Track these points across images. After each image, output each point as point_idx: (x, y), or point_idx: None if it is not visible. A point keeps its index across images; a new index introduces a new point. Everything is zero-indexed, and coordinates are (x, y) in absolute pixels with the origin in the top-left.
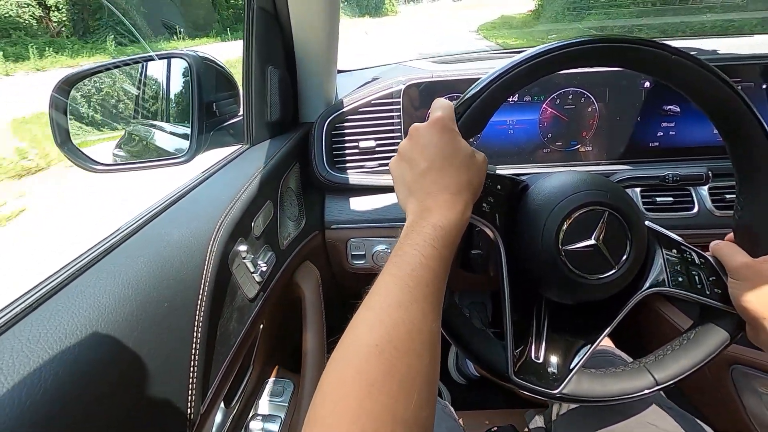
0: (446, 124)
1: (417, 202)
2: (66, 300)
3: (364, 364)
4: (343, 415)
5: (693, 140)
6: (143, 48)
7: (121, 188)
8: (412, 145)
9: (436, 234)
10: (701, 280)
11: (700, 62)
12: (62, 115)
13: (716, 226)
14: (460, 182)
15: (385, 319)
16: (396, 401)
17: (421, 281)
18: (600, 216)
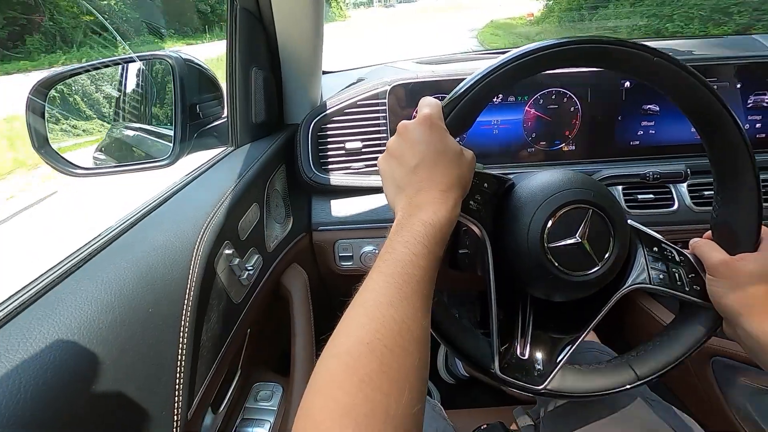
0: (435, 121)
1: (406, 198)
2: (45, 308)
3: (355, 360)
4: (335, 411)
5: (672, 138)
6: (124, 49)
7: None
8: (401, 142)
9: (427, 231)
10: (681, 277)
11: (680, 63)
12: (39, 119)
13: (696, 221)
14: (450, 179)
15: (376, 316)
16: (388, 397)
17: (411, 279)
18: (584, 214)
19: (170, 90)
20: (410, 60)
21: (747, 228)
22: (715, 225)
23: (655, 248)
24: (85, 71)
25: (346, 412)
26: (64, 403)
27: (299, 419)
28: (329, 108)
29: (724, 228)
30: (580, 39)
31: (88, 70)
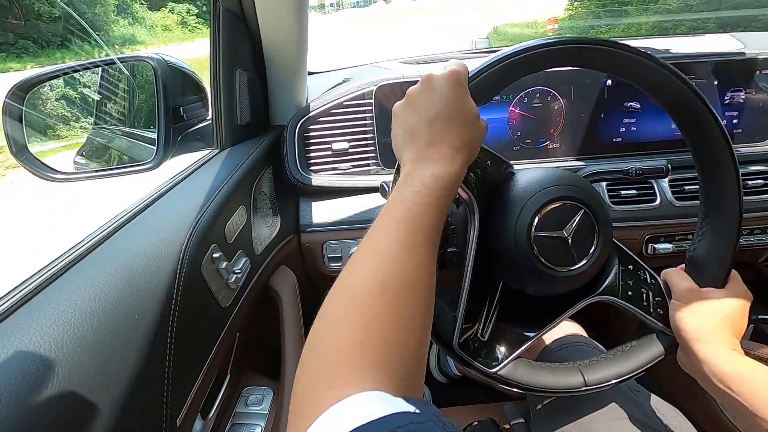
0: (461, 79)
1: (416, 149)
2: (26, 317)
3: (368, 299)
4: (347, 346)
5: (653, 135)
6: (104, 51)
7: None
8: (423, 91)
9: (437, 184)
10: (647, 299)
11: (661, 62)
12: (17, 123)
13: (677, 216)
14: (462, 139)
15: (388, 259)
16: (399, 337)
17: (422, 227)
18: (575, 212)
19: (152, 92)
20: (396, 60)
21: (720, 265)
22: (691, 258)
23: (630, 266)
24: (63, 74)
25: (359, 348)
26: (47, 414)
27: (306, 358)
28: (315, 109)
29: (697, 262)
30: (568, 39)
31: (67, 72)
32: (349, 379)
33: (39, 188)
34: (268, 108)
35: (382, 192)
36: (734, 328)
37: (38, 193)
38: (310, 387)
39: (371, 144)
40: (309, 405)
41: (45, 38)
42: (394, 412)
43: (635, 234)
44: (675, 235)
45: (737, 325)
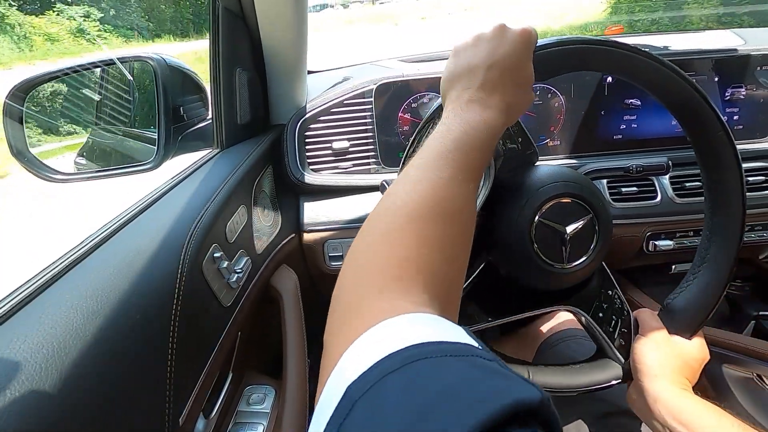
0: (531, 41)
1: (468, 90)
2: (28, 318)
3: (419, 219)
4: (395, 261)
5: (653, 132)
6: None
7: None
8: (493, 38)
9: (484, 129)
10: (615, 326)
11: (660, 59)
12: (17, 124)
13: (678, 212)
14: (514, 97)
15: (439, 187)
16: (445, 262)
17: (469, 165)
18: (583, 213)
19: (152, 92)
20: (395, 58)
21: (696, 319)
22: (669, 306)
23: (609, 291)
24: (63, 74)
25: (409, 265)
26: (49, 414)
27: (353, 266)
28: (315, 108)
29: (675, 311)
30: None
31: (67, 73)
32: (401, 294)
33: (39, 189)
34: (268, 107)
35: (382, 191)
36: (690, 374)
37: (38, 194)
38: (356, 297)
39: (371, 143)
40: (357, 313)
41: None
42: (466, 343)
43: (636, 231)
44: (676, 232)
45: (693, 373)
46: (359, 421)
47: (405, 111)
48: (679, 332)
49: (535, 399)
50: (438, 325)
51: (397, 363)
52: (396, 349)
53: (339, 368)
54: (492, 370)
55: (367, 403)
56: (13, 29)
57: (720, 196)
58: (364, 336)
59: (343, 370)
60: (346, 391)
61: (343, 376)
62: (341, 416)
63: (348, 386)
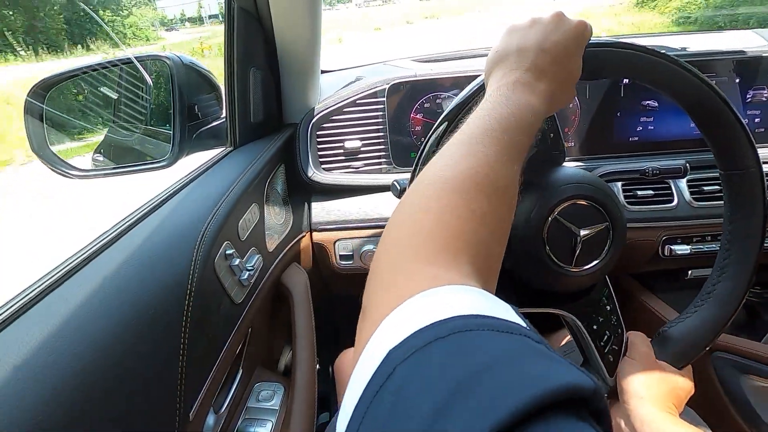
0: (585, 36)
1: (516, 72)
2: (46, 310)
3: (468, 193)
4: (446, 231)
5: (671, 134)
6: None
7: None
8: (550, 23)
9: (529, 112)
10: (606, 341)
11: (676, 60)
12: (38, 121)
13: (695, 217)
14: (560, 86)
15: (486, 165)
16: (490, 237)
17: (513, 146)
18: (598, 217)
19: (168, 91)
20: (408, 58)
21: (690, 351)
22: (664, 334)
23: (608, 306)
24: (82, 73)
25: (456, 237)
26: (64, 406)
27: (398, 228)
28: (328, 107)
29: (669, 340)
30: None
31: (86, 71)
32: (447, 264)
33: (37, 189)
34: (281, 106)
35: (393, 190)
36: (677, 401)
37: (36, 194)
38: (400, 264)
39: (383, 142)
40: (401, 279)
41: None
42: (515, 321)
43: (651, 235)
44: (693, 237)
45: (679, 401)
46: (399, 386)
47: (417, 111)
48: (669, 360)
49: (589, 387)
50: (486, 300)
51: (444, 331)
52: (442, 318)
53: (380, 332)
54: (540, 352)
55: (410, 368)
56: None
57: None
58: (408, 302)
59: (384, 334)
60: (387, 354)
61: (385, 340)
62: (381, 379)
63: (390, 350)
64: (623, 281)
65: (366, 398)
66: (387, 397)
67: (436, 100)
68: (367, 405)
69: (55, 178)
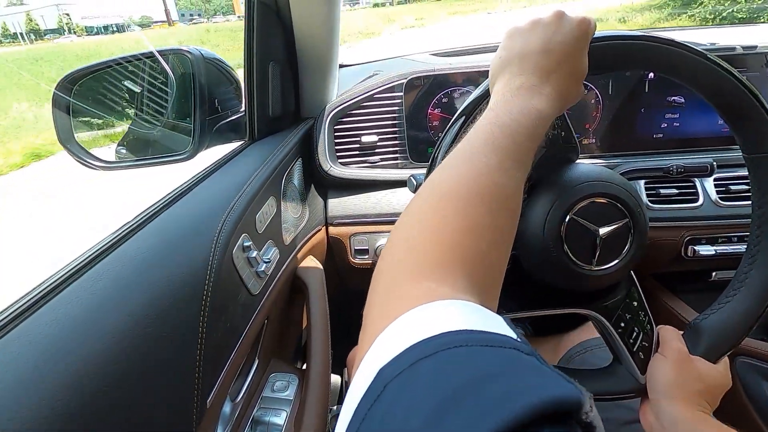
0: (588, 32)
1: (520, 77)
2: (70, 297)
3: (466, 205)
4: (442, 245)
5: (697, 131)
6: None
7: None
8: (550, 24)
9: (535, 117)
10: (635, 338)
11: (702, 53)
12: (65, 113)
13: (721, 217)
14: (567, 87)
15: (486, 174)
16: (490, 249)
17: (518, 153)
18: (619, 216)
19: (189, 85)
20: (427, 52)
21: (724, 343)
22: (696, 326)
23: (634, 303)
24: (107, 67)
25: (452, 250)
26: (84, 391)
27: (395, 245)
28: (345, 101)
29: (702, 333)
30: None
31: (110, 65)
32: (440, 278)
33: (39, 189)
34: (299, 100)
35: (409, 185)
36: (711, 399)
37: (38, 194)
38: (394, 280)
39: (400, 137)
40: (394, 296)
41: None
42: (503, 334)
43: (674, 235)
44: (718, 238)
45: (713, 399)
46: (389, 404)
47: (435, 106)
48: (703, 355)
49: (576, 399)
50: (476, 314)
51: (430, 349)
52: (430, 335)
53: (373, 350)
54: (529, 364)
55: (398, 386)
56: None
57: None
58: (399, 319)
59: (376, 352)
60: (378, 372)
61: (377, 359)
62: (372, 398)
63: (380, 368)
64: (645, 282)
65: (358, 416)
66: (377, 415)
67: (453, 95)
68: (358, 423)
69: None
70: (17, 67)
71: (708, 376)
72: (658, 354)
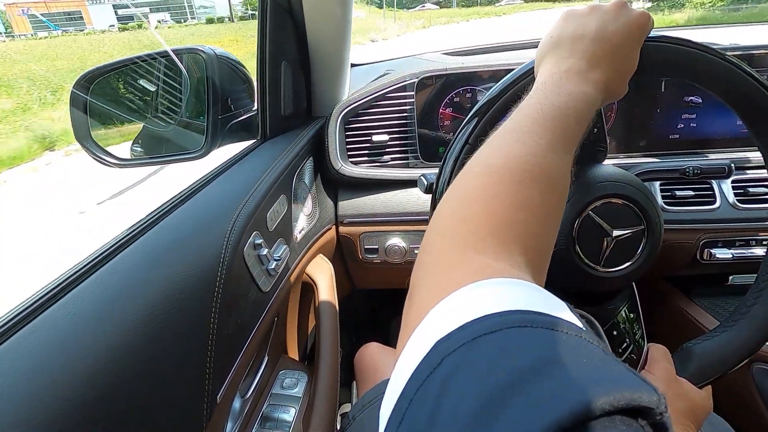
0: (645, 28)
1: (570, 60)
2: (82, 294)
3: (518, 183)
4: (496, 221)
5: (715, 132)
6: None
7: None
8: (610, 12)
9: (584, 101)
10: (624, 350)
11: (718, 53)
12: (82, 112)
13: (738, 220)
14: (616, 77)
15: (538, 155)
16: (540, 229)
17: (566, 136)
18: (633, 218)
19: (203, 83)
20: (439, 51)
21: (714, 370)
22: (687, 349)
23: (632, 314)
24: (123, 66)
25: (507, 227)
26: (98, 386)
27: (447, 216)
28: (357, 101)
29: (693, 356)
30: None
31: (126, 64)
32: (497, 253)
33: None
34: (311, 99)
35: (420, 185)
36: (694, 420)
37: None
38: (449, 252)
39: (411, 137)
40: (450, 268)
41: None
42: (569, 321)
43: (690, 237)
44: (735, 241)
45: (697, 420)
46: (446, 377)
47: (446, 106)
48: (689, 378)
49: (653, 398)
50: (541, 295)
51: (495, 326)
52: (493, 312)
53: (427, 322)
54: (599, 355)
55: (457, 360)
56: None
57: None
58: (458, 293)
59: (432, 324)
60: (434, 345)
61: (433, 331)
62: (429, 368)
63: (437, 341)
64: (659, 284)
65: (412, 386)
66: (433, 387)
67: (466, 95)
68: (413, 392)
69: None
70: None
71: (692, 398)
72: (645, 370)
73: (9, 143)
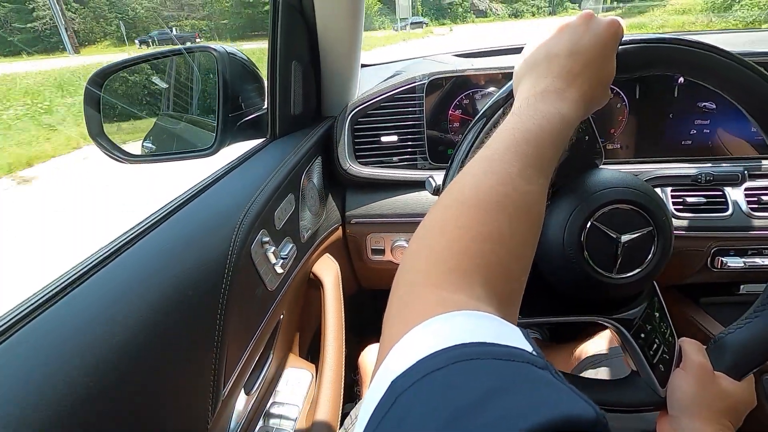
0: (617, 35)
1: (545, 80)
2: (90, 289)
3: (486, 214)
4: (463, 254)
5: (728, 138)
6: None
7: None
8: (579, 26)
9: (559, 122)
10: (656, 350)
11: (737, 58)
12: (95, 108)
13: (752, 228)
14: (592, 91)
15: (507, 183)
16: (510, 259)
17: (540, 160)
18: (642, 224)
19: (214, 82)
20: (449, 53)
21: (751, 360)
22: (720, 341)
23: (656, 313)
24: (136, 63)
25: (469, 259)
26: (105, 378)
27: (414, 252)
28: (366, 101)
29: (727, 348)
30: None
31: (139, 62)
32: (456, 287)
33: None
34: (321, 99)
35: (428, 187)
36: (734, 418)
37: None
38: (410, 289)
39: (420, 138)
40: (410, 305)
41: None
42: (517, 347)
43: (701, 245)
44: (747, 249)
45: (737, 417)
46: (399, 418)
47: (456, 107)
48: (727, 372)
49: (589, 417)
50: (491, 325)
51: (441, 362)
52: (443, 347)
53: (387, 361)
54: (542, 379)
55: (410, 398)
56: None
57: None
58: (413, 330)
59: (390, 363)
60: (390, 385)
61: (390, 370)
62: (384, 410)
63: (393, 380)
64: (669, 293)
65: (370, 427)
66: (389, 427)
67: (475, 96)
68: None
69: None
70: None
71: (731, 394)
72: (680, 369)
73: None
